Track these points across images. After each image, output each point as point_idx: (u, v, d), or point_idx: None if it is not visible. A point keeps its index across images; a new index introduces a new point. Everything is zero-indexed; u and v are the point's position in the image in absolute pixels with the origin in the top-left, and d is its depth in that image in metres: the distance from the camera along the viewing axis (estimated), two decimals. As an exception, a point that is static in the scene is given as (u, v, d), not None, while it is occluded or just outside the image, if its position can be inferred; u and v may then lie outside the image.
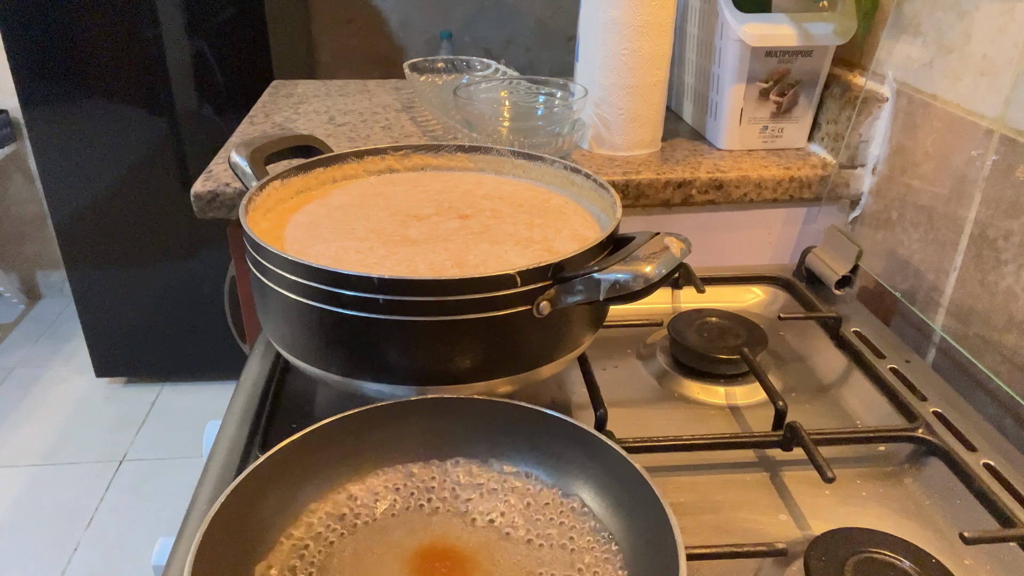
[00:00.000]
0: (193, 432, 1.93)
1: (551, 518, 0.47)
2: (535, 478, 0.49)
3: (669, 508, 0.41)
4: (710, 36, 0.95)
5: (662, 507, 0.41)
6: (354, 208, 0.64)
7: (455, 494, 0.48)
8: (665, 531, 0.40)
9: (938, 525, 0.53)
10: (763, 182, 0.90)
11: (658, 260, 0.49)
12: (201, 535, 0.39)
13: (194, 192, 0.84)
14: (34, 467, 1.81)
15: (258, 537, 0.43)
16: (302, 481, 0.47)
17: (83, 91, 1.75)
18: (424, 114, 1.10)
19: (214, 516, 0.40)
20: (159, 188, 1.84)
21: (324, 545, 0.44)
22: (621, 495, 0.46)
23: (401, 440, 0.50)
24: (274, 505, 0.45)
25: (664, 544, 0.39)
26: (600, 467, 0.47)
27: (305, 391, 0.65)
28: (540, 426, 0.49)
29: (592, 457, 0.47)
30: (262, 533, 0.44)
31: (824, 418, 0.64)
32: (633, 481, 0.44)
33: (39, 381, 2.12)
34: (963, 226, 0.72)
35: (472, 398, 0.50)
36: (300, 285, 0.50)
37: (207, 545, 0.39)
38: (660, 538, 0.40)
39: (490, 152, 0.71)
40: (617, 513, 0.46)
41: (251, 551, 0.43)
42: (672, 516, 0.40)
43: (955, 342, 0.72)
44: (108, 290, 1.95)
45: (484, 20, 2.23)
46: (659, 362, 0.71)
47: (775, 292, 0.82)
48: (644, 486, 0.43)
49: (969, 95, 0.71)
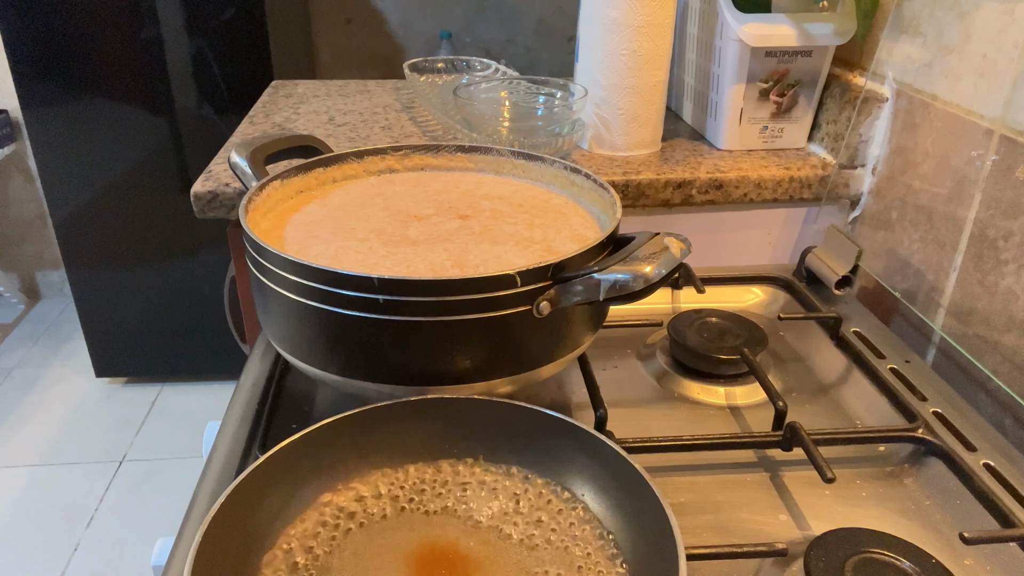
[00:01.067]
0: (193, 432, 1.93)
1: (551, 519, 0.47)
2: (535, 479, 0.49)
3: (669, 509, 0.41)
4: (710, 36, 0.95)
5: (663, 508, 0.41)
6: (354, 208, 0.64)
7: (455, 494, 0.48)
8: (665, 532, 0.40)
9: (938, 525, 0.53)
10: (763, 182, 0.90)
11: (658, 260, 0.49)
12: (201, 535, 0.39)
13: (194, 192, 0.84)
14: (34, 467, 1.81)
15: (258, 537, 0.43)
16: (302, 481, 0.47)
17: (83, 91, 1.75)
18: (424, 114, 1.10)
19: (214, 516, 0.40)
20: (159, 188, 1.84)
21: (324, 545, 0.44)
22: (621, 496, 0.46)
23: (401, 440, 0.50)
24: (274, 505, 0.45)
25: (664, 545, 0.39)
26: (600, 468, 0.47)
27: (305, 391, 0.65)
28: (540, 426, 0.49)
29: (592, 457, 0.47)
30: (262, 533, 0.44)
31: (824, 418, 0.64)
32: (633, 482, 0.44)
33: (39, 381, 2.12)
34: (963, 226, 0.72)
35: (472, 398, 0.50)
36: (300, 285, 0.50)
37: (207, 545, 0.39)
38: (660, 539, 0.40)
39: (490, 152, 0.71)
40: (617, 514, 0.46)
41: (251, 551, 0.43)
42: (672, 517, 0.40)
43: (955, 342, 0.72)
44: (108, 290, 1.95)
45: (484, 20, 2.24)
46: (659, 362, 0.71)
47: (775, 292, 0.82)
48: (644, 487, 0.43)
49: (969, 95, 0.71)
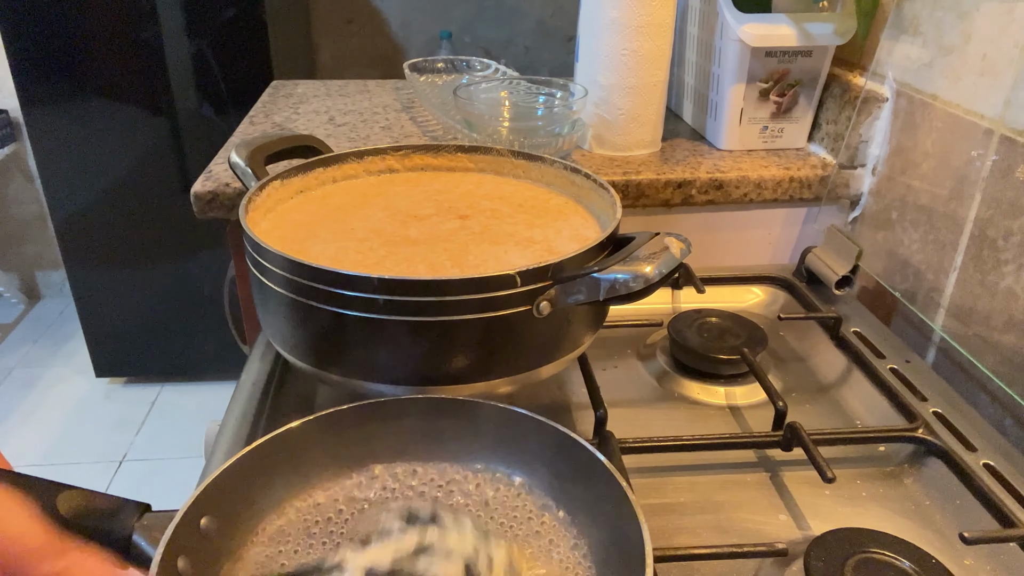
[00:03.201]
0: (193, 432, 1.93)
1: (529, 522, 0.46)
2: (522, 484, 0.48)
3: (642, 514, 0.40)
4: (710, 36, 0.95)
5: (636, 513, 0.40)
6: (354, 208, 0.64)
7: (445, 491, 0.48)
8: (635, 536, 0.39)
9: (938, 525, 0.53)
10: (763, 182, 0.90)
11: (658, 260, 0.49)
12: (182, 514, 0.39)
13: (194, 192, 0.84)
14: (34, 467, 1.81)
15: (239, 524, 0.43)
16: (291, 473, 0.46)
17: (83, 91, 1.75)
18: (424, 114, 1.10)
19: (196, 499, 0.40)
20: (159, 188, 1.84)
21: (304, 536, 0.44)
22: (600, 502, 0.44)
23: (399, 438, 0.50)
24: (259, 494, 0.45)
25: (633, 548, 0.39)
26: (586, 480, 0.45)
27: (305, 391, 0.65)
28: (524, 431, 0.48)
29: (579, 468, 0.45)
30: (243, 521, 0.44)
31: (824, 418, 0.64)
32: (610, 486, 0.43)
33: (39, 381, 2.12)
34: (963, 226, 0.72)
35: (458, 399, 0.49)
36: (300, 285, 0.50)
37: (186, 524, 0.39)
38: (631, 543, 0.39)
39: (490, 152, 0.71)
40: (596, 522, 0.45)
41: (232, 538, 0.43)
42: (643, 522, 0.39)
43: (955, 342, 0.72)
44: (108, 290, 1.95)
45: (484, 20, 2.23)
46: (659, 362, 0.71)
47: (775, 292, 0.82)
48: (623, 497, 0.42)
49: (969, 95, 0.71)
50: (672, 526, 0.53)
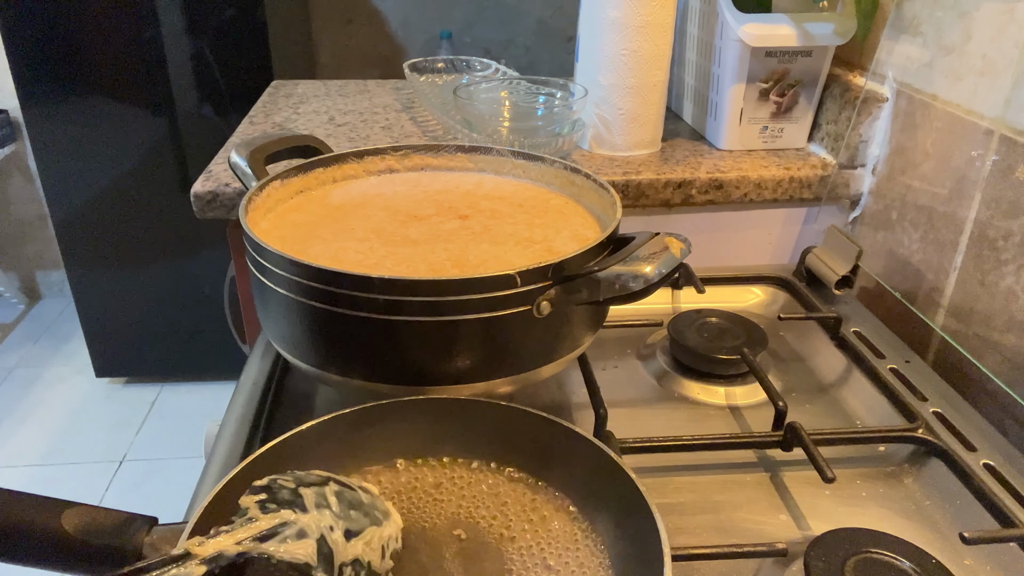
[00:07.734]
0: (193, 432, 1.93)
1: (543, 522, 0.46)
2: (531, 482, 0.49)
3: (659, 515, 0.40)
4: (710, 36, 0.95)
5: (650, 510, 0.40)
6: (354, 208, 0.64)
7: (449, 492, 0.48)
8: (652, 535, 0.39)
9: (938, 525, 0.53)
10: (763, 182, 0.90)
11: (658, 260, 0.49)
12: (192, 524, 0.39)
13: (194, 192, 0.84)
14: (34, 467, 1.81)
15: None
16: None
17: (83, 91, 1.75)
18: (424, 114, 1.10)
19: (209, 504, 0.40)
20: (159, 188, 1.84)
21: None
22: (610, 500, 0.45)
23: (399, 439, 0.50)
24: None
25: (650, 548, 0.39)
26: (591, 472, 0.46)
27: (305, 391, 0.65)
28: (532, 428, 0.48)
29: (586, 462, 0.46)
30: None
31: (824, 418, 0.64)
32: (626, 487, 0.43)
33: (39, 381, 2.12)
34: (963, 226, 0.72)
35: (459, 399, 0.50)
36: (300, 285, 0.50)
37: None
38: (647, 542, 0.39)
39: (490, 152, 0.71)
40: (609, 518, 0.45)
41: None
42: (660, 521, 0.40)
43: (955, 342, 0.72)
44: (108, 290, 1.95)
45: (484, 20, 2.23)
46: (659, 362, 0.71)
47: (775, 292, 0.82)
48: (635, 491, 0.42)
49: (969, 95, 0.71)
50: (672, 526, 0.53)
